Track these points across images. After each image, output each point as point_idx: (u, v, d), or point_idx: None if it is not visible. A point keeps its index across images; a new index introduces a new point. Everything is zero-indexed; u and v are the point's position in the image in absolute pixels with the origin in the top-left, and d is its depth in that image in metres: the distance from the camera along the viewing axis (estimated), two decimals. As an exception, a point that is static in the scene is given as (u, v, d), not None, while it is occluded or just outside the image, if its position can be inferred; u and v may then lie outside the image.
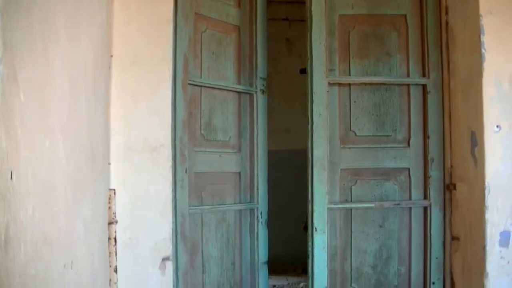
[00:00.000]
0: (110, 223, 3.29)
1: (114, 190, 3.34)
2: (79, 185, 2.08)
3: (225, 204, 4.12)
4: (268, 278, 4.45)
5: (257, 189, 4.25)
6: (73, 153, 1.90)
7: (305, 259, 4.15)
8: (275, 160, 5.05)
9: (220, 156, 4.09)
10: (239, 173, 4.22)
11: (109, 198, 3.30)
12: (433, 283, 4.18)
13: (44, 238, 1.43)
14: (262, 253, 4.29)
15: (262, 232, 4.29)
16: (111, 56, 3.38)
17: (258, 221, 4.25)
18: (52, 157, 1.51)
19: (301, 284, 10.46)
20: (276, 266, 7.11)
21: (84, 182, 2.26)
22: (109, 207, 3.29)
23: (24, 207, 1.19)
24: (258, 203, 4.25)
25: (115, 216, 3.34)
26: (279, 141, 10.28)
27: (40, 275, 1.36)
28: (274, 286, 10.57)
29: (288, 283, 10.75)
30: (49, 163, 1.49)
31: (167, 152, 3.56)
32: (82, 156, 2.16)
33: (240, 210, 4.23)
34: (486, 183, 3.78)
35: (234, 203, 4.19)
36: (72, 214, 1.88)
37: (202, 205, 3.96)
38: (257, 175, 4.26)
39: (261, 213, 4.27)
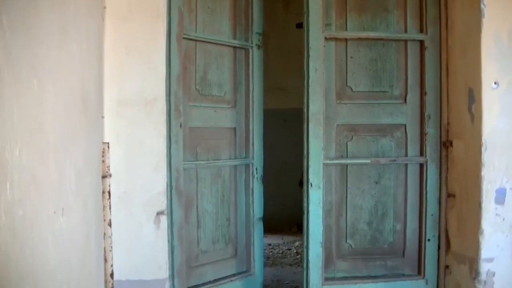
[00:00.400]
0: (104, 177, 3.27)
1: (108, 143, 3.31)
2: (70, 133, 2.05)
3: (220, 160, 4.10)
4: (264, 237, 4.44)
5: (252, 144, 4.23)
6: (64, 97, 1.87)
7: (300, 218, 4.15)
8: (270, 118, 5.02)
9: (215, 111, 4.05)
10: (234, 128, 4.20)
11: (103, 152, 3.27)
12: (428, 240, 4.18)
13: (32, 181, 1.40)
14: (257, 209, 4.28)
15: (257, 188, 4.28)
16: (104, 7, 3.33)
17: (253, 176, 4.24)
18: (40, 96, 1.48)
19: (296, 243, 10.50)
20: (271, 226, 7.12)
21: (76, 131, 2.23)
22: (103, 161, 3.27)
23: (10, 146, 1.16)
24: (253, 159, 4.24)
25: (109, 170, 3.31)
26: (274, 100, 10.25)
27: (28, 217, 1.33)
28: (270, 245, 10.61)
29: (284, 242, 10.78)
30: (37, 103, 1.45)
31: (161, 105, 3.53)
32: (73, 103, 2.12)
33: (235, 166, 4.22)
34: (482, 140, 3.76)
35: (229, 159, 4.18)
36: (62, 161, 1.85)
37: (197, 160, 3.94)
38: (253, 130, 4.23)
39: (256, 169, 4.25)
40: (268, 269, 6.43)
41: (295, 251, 10.39)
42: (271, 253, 10.35)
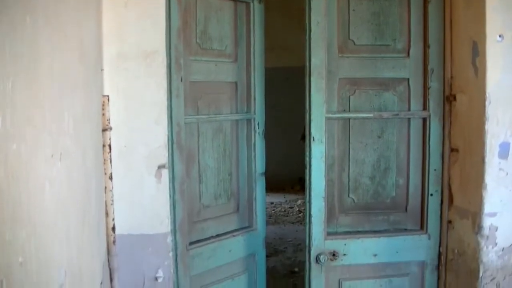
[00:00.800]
0: (104, 130, 3.25)
1: (108, 96, 3.29)
2: (67, 81, 2.01)
3: (221, 114, 4.07)
4: (266, 195, 4.43)
5: (254, 99, 4.19)
6: (59, 45, 1.83)
7: (303, 174, 4.12)
8: (272, 77, 4.99)
9: (216, 65, 4.01)
10: (236, 83, 4.16)
11: (103, 105, 3.24)
12: (431, 194, 4.16)
13: (27, 120, 1.37)
14: (259, 164, 4.26)
15: (259, 143, 4.25)
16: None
17: (255, 131, 4.21)
18: (34, 36, 1.43)
19: (299, 201, 10.57)
20: (273, 184, 7.13)
21: (73, 81, 2.19)
22: (103, 114, 3.24)
23: (1, 77, 1.12)
24: (255, 114, 4.20)
25: (109, 123, 3.29)
26: (276, 58, 10.23)
27: (22, 153, 1.30)
28: (272, 203, 10.70)
29: (286, 200, 10.86)
30: (31, 41, 1.41)
31: (162, 58, 3.49)
32: (70, 53, 2.08)
33: (237, 121, 4.19)
34: (486, 94, 3.72)
35: (231, 113, 4.14)
36: (59, 107, 1.82)
37: (198, 115, 3.91)
38: (254, 85, 4.19)
39: (258, 124, 4.22)
40: (270, 227, 6.47)
41: (297, 209, 10.45)
42: (273, 211, 10.44)
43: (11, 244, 1.22)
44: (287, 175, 11.07)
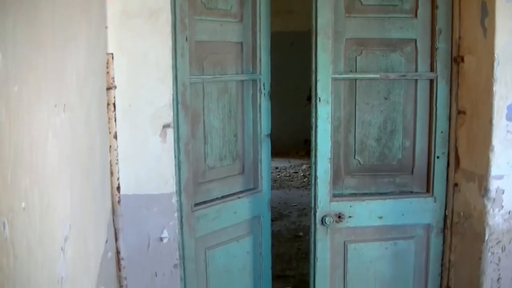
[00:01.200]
0: (108, 89, 3.22)
1: (112, 54, 3.25)
2: (69, 33, 1.97)
3: (226, 75, 4.02)
4: (271, 160, 4.40)
5: (260, 60, 4.14)
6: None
7: (307, 138, 4.10)
8: (278, 41, 4.93)
9: (221, 25, 3.96)
10: (241, 43, 4.10)
11: (107, 63, 3.21)
12: (438, 157, 4.14)
13: (28, 66, 1.33)
14: (264, 126, 4.23)
15: (264, 104, 4.21)
16: None
17: (260, 92, 4.17)
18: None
19: (304, 166, 10.56)
20: (278, 149, 7.11)
21: (76, 34, 2.15)
22: (107, 72, 3.21)
23: (1, 15, 1.09)
24: (260, 74, 4.15)
25: (114, 81, 3.26)
26: (282, 22, 10.16)
27: (24, 97, 1.28)
28: (277, 168, 10.70)
29: (291, 165, 10.86)
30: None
31: (166, 16, 3.43)
32: (71, 4, 2.04)
33: (242, 81, 4.14)
34: (495, 55, 3.68)
35: (236, 74, 4.10)
36: (61, 55, 1.78)
37: (203, 75, 3.86)
38: (260, 46, 4.13)
39: (263, 85, 4.18)
40: (275, 191, 6.46)
41: (302, 174, 10.45)
42: (278, 176, 10.44)
43: (13, 187, 1.20)
44: (292, 140, 11.06)
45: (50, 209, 1.56)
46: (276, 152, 5.57)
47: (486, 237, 3.86)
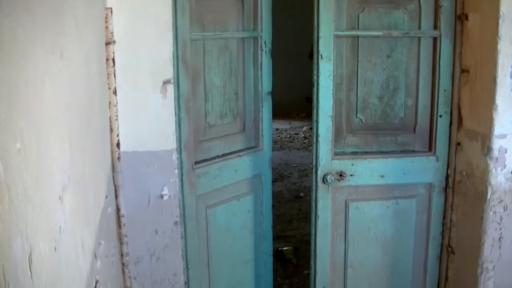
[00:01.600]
0: (107, 43, 3.17)
1: (111, 9, 3.20)
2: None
3: (227, 32, 3.97)
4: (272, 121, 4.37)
5: (261, 17, 4.08)
6: None
7: (309, 96, 4.06)
8: (279, 1, 4.87)
9: (222, -18, 3.90)
10: (242, 0, 4.03)
11: (106, 17, 3.16)
12: (440, 116, 4.10)
13: (24, 8, 1.29)
14: (266, 83, 4.18)
15: (266, 62, 4.16)
16: None
17: (262, 50, 4.12)
18: None
19: (304, 128, 10.54)
20: (279, 111, 7.07)
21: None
22: (106, 27, 3.16)
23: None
24: (261, 32, 4.10)
25: (113, 37, 3.21)
26: (284, -17, 10.05)
27: (19, 37, 1.24)
28: (277, 129, 10.67)
29: (291, 127, 10.83)
30: None
31: (166, -28, 3.38)
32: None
33: (243, 39, 4.09)
34: (500, 13, 3.62)
35: (237, 31, 4.04)
36: (58, 1, 1.74)
37: (204, 32, 3.81)
38: (261, 3, 4.07)
39: (265, 42, 4.13)
40: (275, 152, 6.44)
41: (302, 135, 10.42)
42: (278, 137, 10.42)
43: (7, 126, 1.17)
44: (293, 100, 11.01)
45: (48, 155, 1.53)
46: (277, 113, 5.54)
47: (488, 197, 3.85)
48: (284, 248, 6.42)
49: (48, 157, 1.54)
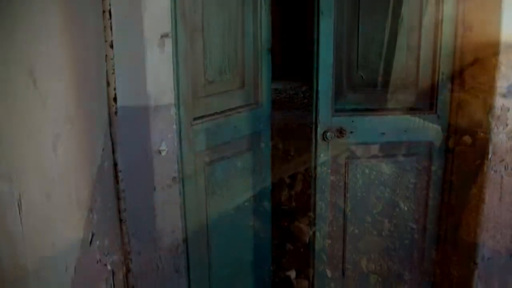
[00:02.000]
0: (103, -5, 3.11)
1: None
2: None
3: (227, -14, 3.91)
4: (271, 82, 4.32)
5: (260, -28, 4.02)
6: None
7: (307, 66, 4.01)
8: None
9: None
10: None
11: (102, -32, 3.09)
12: (442, 73, 4.06)
13: None
14: (265, 40, 4.13)
15: (265, 18, 4.10)
16: None
17: (261, 6, 4.05)
18: None
19: (303, 88, 10.43)
20: (278, 75, 6.99)
21: None
22: (102, -22, 3.09)
23: None
24: (261, -13, 4.04)
25: (109, -12, 3.14)
26: None
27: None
28: (276, 89, 10.58)
29: (291, 87, 10.72)
30: None
31: None
32: None
33: (243, -5, 4.03)
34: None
35: (236, -15, 3.98)
36: None
37: (202, -14, 3.75)
38: (260, -44, 4.00)
39: (264, -1, 4.07)
40: (274, 112, 6.39)
41: (302, 95, 10.32)
42: (277, 97, 10.32)
43: None
44: (291, 67, 10.94)
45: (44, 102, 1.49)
46: (277, 76, 5.49)
47: (490, 155, 3.82)
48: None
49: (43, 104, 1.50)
